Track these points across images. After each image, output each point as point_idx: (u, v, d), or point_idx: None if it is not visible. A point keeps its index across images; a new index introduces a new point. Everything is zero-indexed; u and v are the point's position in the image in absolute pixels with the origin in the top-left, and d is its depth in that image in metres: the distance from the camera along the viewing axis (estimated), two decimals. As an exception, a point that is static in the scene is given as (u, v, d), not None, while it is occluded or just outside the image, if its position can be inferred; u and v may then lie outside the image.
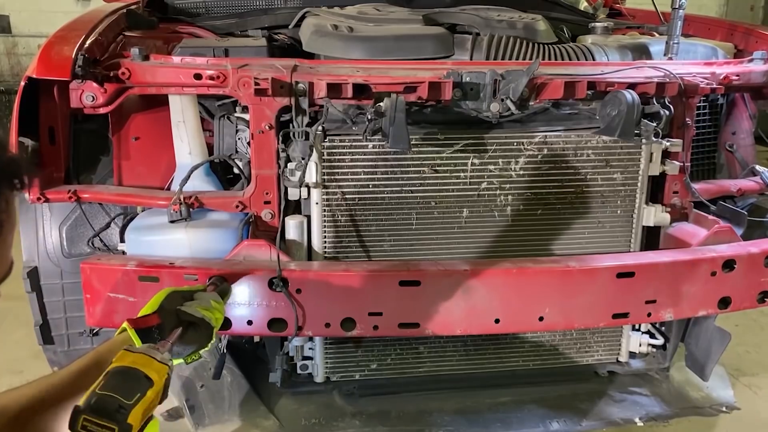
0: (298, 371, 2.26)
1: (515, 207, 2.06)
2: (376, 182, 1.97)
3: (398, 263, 1.94)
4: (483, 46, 2.20)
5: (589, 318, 1.91)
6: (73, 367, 1.24)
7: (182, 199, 1.87)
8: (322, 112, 1.84)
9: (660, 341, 2.41)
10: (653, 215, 2.12)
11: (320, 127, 1.86)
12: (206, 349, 1.51)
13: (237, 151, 2.07)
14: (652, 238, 2.21)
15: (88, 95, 1.87)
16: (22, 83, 1.79)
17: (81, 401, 1.03)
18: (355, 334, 1.80)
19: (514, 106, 1.87)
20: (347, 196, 1.97)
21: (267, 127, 1.88)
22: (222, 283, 1.70)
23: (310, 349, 2.24)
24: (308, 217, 1.97)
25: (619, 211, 2.13)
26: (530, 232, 2.09)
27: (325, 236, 1.99)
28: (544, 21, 2.37)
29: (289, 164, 1.91)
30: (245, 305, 1.77)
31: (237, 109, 2.03)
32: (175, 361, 1.36)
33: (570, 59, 2.25)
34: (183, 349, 1.42)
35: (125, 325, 1.34)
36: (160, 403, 1.12)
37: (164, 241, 1.87)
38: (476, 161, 2.00)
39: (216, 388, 2.28)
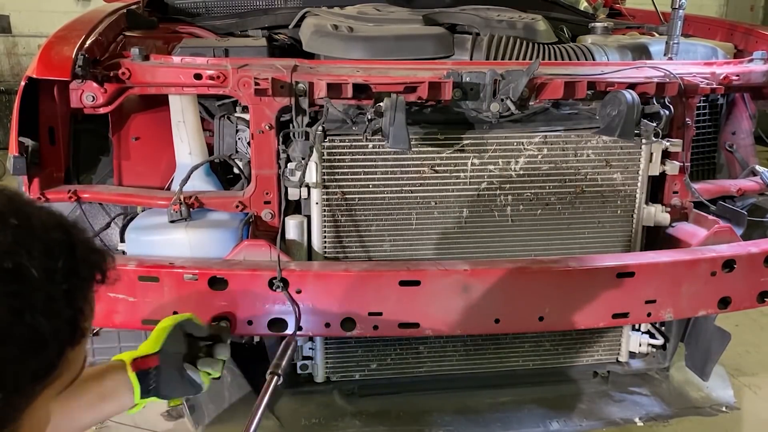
0: (298, 371, 2.26)
1: (515, 207, 2.06)
2: (376, 182, 1.97)
3: (398, 263, 1.94)
4: (483, 46, 2.20)
5: (589, 318, 1.91)
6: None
7: (182, 199, 1.87)
8: (322, 112, 1.84)
9: (660, 341, 2.41)
10: (653, 215, 2.12)
11: (320, 127, 1.86)
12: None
13: (237, 151, 2.07)
14: (652, 238, 2.21)
15: (88, 95, 1.87)
16: (22, 83, 1.78)
17: None
18: (355, 334, 1.80)
19: (514, 106, 1.87)
20: (347, 196, 1.97)
21: (267, 127, 1.88)
22: (224, 321, 1.68)
23: (310, 349, 2.24)
24: (308, 217, 1.97)
25: (619, 211, 2.13)
26: (530, 232, 2.09)
27: (325, 236, 1.99)
28: (544, 21, 2.37)
29: (289, 164, 1.90)
30: (245, 305, 1.76)
31: (237, 109, 2.03)
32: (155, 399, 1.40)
33: (570, 59, 2.25)
34: (171, 393, 1.42)
35: (128, 367, 1.35)
36: None
37: (164, 241, 1.87)
38: (476, 161, 2.00)
39: (216, 388, 2.28)
